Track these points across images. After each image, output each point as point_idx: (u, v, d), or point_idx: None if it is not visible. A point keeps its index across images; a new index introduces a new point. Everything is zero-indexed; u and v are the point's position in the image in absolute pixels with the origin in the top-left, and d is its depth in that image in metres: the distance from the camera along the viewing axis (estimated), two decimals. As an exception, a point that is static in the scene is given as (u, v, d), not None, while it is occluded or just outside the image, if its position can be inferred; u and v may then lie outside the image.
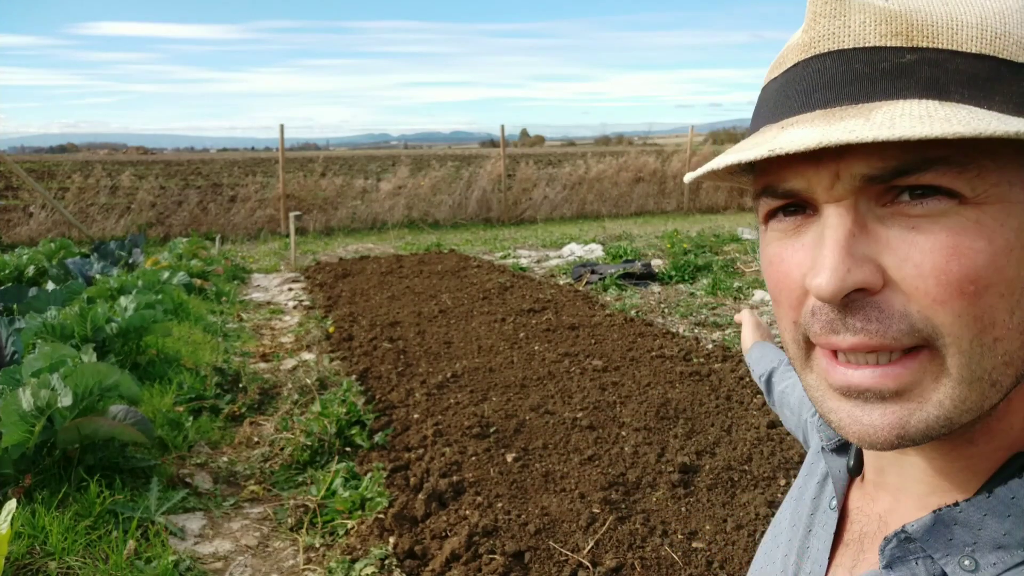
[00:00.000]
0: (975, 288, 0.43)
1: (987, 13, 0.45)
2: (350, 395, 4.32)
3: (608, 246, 10.67)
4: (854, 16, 0.46)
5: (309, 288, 8.33)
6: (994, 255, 0.43)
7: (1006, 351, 0.45)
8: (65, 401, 3.04)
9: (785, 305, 0.51)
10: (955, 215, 0.43)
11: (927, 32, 0.45)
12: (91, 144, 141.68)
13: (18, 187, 14.39)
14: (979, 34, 0.45)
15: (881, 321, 0.45)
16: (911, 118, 0.41)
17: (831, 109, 0.45)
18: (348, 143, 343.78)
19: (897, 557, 0.51)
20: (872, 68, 0.45)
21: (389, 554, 2.72)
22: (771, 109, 0.50)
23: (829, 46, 0.47)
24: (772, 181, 0.49)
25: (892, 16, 0.46)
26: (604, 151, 22.55)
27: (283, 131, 15.08)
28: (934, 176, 0.43)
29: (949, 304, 0.43)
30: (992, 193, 0.44)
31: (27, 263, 8.24)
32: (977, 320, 0.44)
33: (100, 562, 2.61)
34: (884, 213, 0.45)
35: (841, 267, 0.44)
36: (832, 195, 0.46)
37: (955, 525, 0.49)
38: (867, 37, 0.46)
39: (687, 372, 4.63)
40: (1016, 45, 0.45)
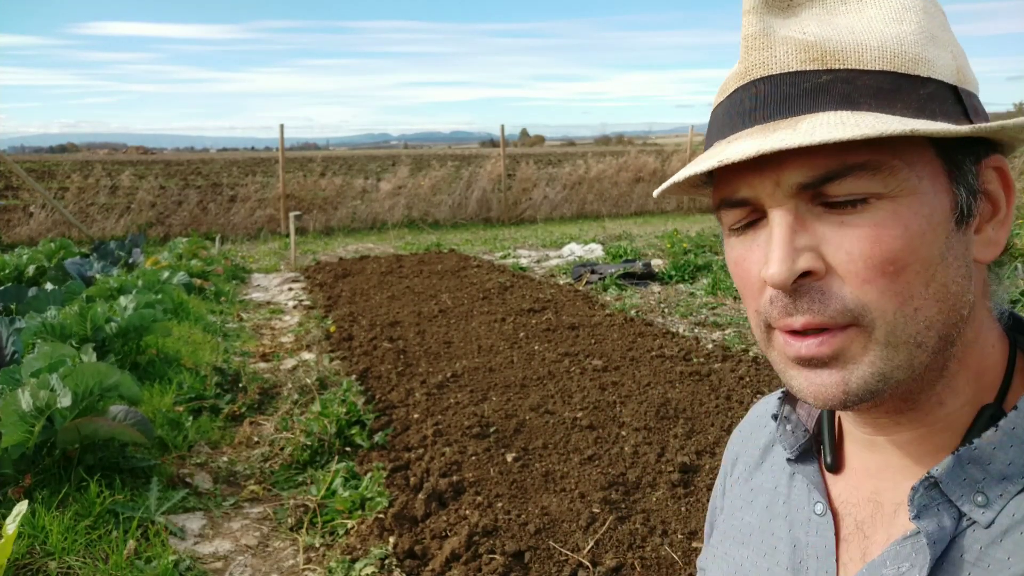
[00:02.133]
0: (894, 268, 0.52)
1: (886, 37, 0.55)
2: (350, 395, 4.32)
3: (608, 246, 10.67)
4: (778, 48, 0.56)
5: (309, 288, 8.33)
6: (909, 240, 0.52)
7: (925, 317, 0.54)
8: (65, 401, 3.04)
9: (749, 297, 0.60)
10: (875, 208, 0.53)
11: (838, 56, 0.54)
12: (91, 144, 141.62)
13: (18, 187, 14.39)
14: (880, 55, 0.54)
15: (823, 302, 0.54)
16: (828, 125, 0.50)
17: (767, 124, 0.55)
18: (348, 143, 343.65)
19: (924, 506, 0.56)
20: (797, 88, 0.55)
21: (389, 554, 2.72)
22: (719, 129, 0.60)
23: (761, 72, 0.56)
24: (726, 193, 0.58)
25: (809, 46, 0.55)
26: (604, 151, 22.55)
27: (283, 131, 15.08)
28: (853, 181, 0.52)
29: (874, 283, 0.53)
30: (904, 187, 0.53)
31: (27, 263, 8.24)
32: (898, 295, 0.53)
33: (100, 562, 2.61)
34: (819, 211, 0.54)
35: (787, 258, 0.53)
36: (775, 200, 0.55)
37: (969, 463, 0.55)
38: (790, 64, 0.55)
39: (687, 372, 4.63)
40: (911, 61, 0.54)
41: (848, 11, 0.57)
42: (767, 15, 0.57)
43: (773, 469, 0.74)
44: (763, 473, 0.75)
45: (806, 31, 0.56)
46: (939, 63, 0.55)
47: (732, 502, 0.79)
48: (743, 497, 0.76)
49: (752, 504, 0.74)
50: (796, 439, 0.69)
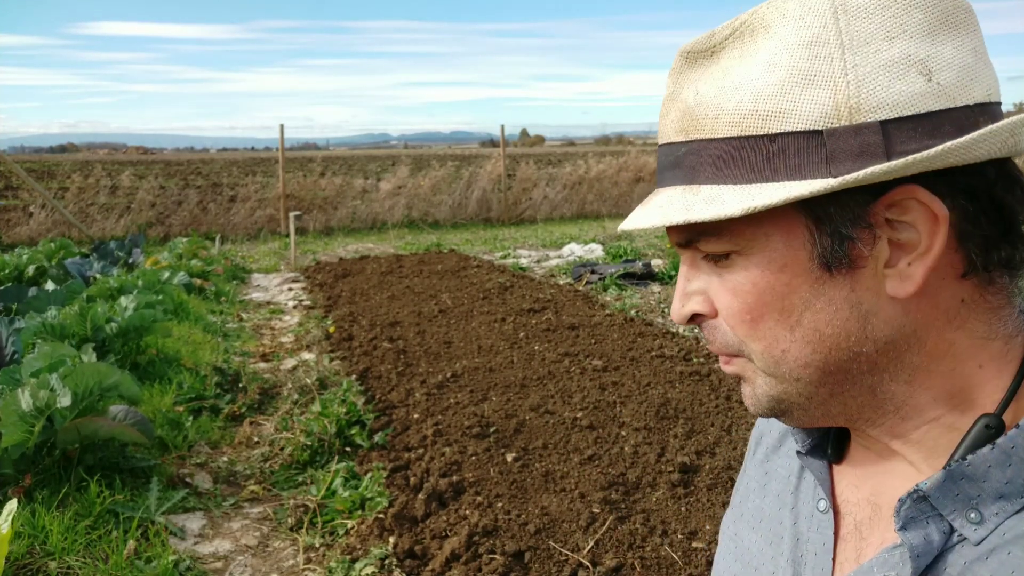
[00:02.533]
0: (751, 317, 0.58)
1: (743, 97, 0.54)
2: (350, 395, 4.32)
3: (608, 246, 10.67)
4: (671, 115, 0.60)
5: (309, 288, 8.33)
6: (759, 294, 0.57)
7: (796, 358, 0.57)
8: (65, 401, 3.04)
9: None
10: (735, 264, 0.58)
11: (697, 125, 0.57)
12: (91, 144, 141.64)
13: (18, 187, 14.40)
14: (731, 119, 0.54)
15: (713, 336, 0.62)
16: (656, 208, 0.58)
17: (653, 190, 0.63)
18: (348, 143, 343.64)
19: (911, 518, 0.55)
20: (667, 159, 0.60)
21: (389, 554, 2.72)
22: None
23: (660, 140, 0.62)
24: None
25: (685, 112, 0.58)
26: (604, 151, 22.54)
27: (283, 131, 15.08)
28: (705, 244, 0.58)
29: (739, 328, 0.59)
30: (752, 245, 0.56)
31: (27, 263, 8.24)
32: (761, 339, 0.58)
33: (100, 562, 2.61)
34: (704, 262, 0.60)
35: (677, 303, 0.63)
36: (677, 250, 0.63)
37: (962, 479, 0.54)
38: (669, 135, 0.59)
39: (687, 372, 4.63)
40: (761, 118, 0.53)
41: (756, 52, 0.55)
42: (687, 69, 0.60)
43: (789, 455, 0.75)
44: (780, 458, 0.76)
45: (699, 91, 0.57)
46: (802, 109, 0.52)
47: (748, 483, 0.80)
48: (758, 479, 0.77)
49: (765, 488, 0.75)
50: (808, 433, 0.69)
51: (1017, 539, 0.51)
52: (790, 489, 0.72)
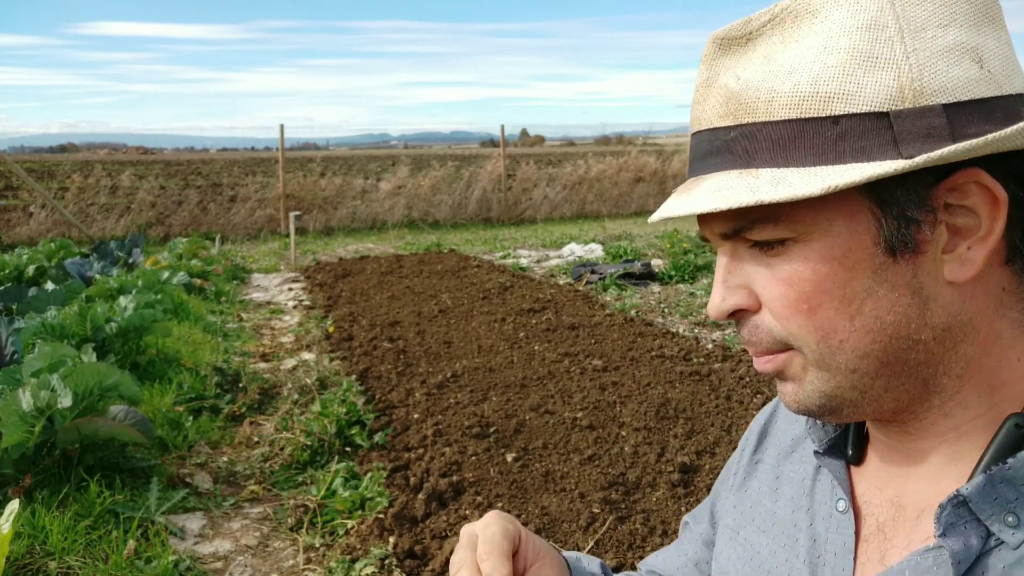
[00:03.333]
0: (808, 307, 0.55)
1: (801, 79, 0.53)
2: (350, 395, 4.32)
3: (608, 246, 10.67)
4: (710, 101, 0.58)
5: (309, 288, 8.33)
6: (819, 281, 0.54)
7: (854, 347, 0.55)
8: (65, 401, 3.04)
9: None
10: (790, 252, 0.55)
11: (748, 109, 0.55)
12: (91, 144, 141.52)
13: (18, 187, 14.39)
14: (789, 101, 0.53)
15: (755, 334, 0.59)
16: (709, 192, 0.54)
17: (691, 179, 0.59)
18: (348, 143, 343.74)
19: (951, 523, 0.54)
20: (711, 146, 0.57)
21: (389, 554, 2.72)
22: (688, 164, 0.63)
23: (697, 127, 0.60)
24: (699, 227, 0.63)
25: (728, 98, 0.56)
26: (604, 151, 22.54)
27: (283, 131, 15.08)
28: (759, 231, 0.55)
29: (793, 319, 0.56)
30: (813, 231, 0.54)
31: (27, 263, 8.24)
32: (818, 329, 0.55)
33: (100, 562, 2.61)
34: (753, 251, 0.58)
35: (717, 297, 0.59)
36: (716, 242, 0.60)
37: (1002, 483, 0.53)
38: (712, 120, 0.57)
39: (687, 372, 4.63)
40: (824, 100, 0.52)
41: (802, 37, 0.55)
42: (720, 56, 0.58)
43: (803, 461, 0.74)
44: (792, 463, 0.75)
45: (740, 76, 0.56)
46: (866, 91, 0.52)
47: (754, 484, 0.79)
48: (768, 484, 0.76)
49: (777, 492, 0.74)
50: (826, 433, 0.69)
51: None
52: (804, 492, 0.71)
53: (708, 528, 0.88)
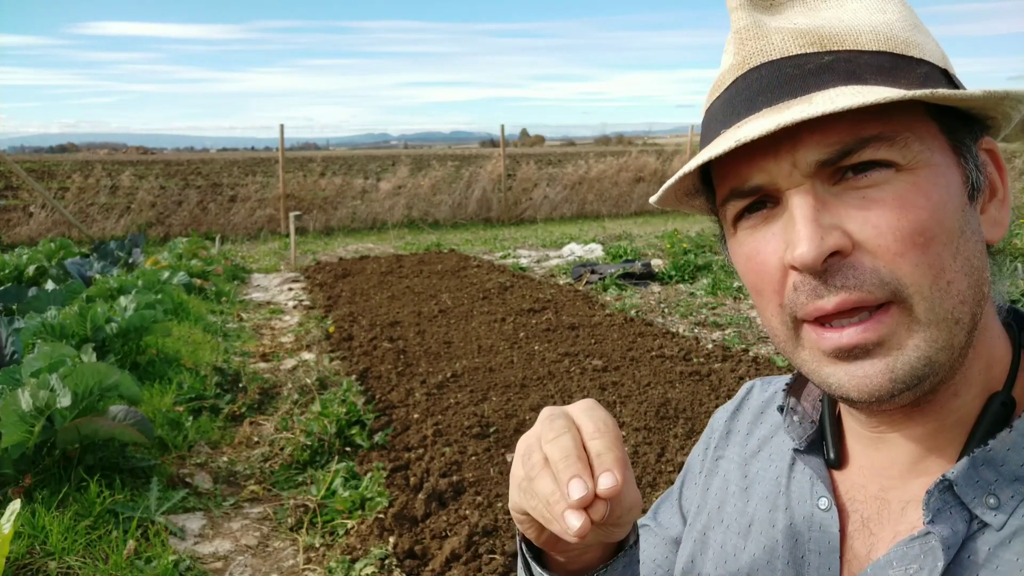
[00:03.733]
0: (924, 239, 0.51)
1: (876, 23, 0.56)
2: (350, 395, 4.32)
3: (608, 246, 10.67)
4: (774, 36, 0.56)
5: (309, 288, 8.33)
6: (933, 210, 0.52)
7: (959, 291, 0.53)
8: (64, 401, 3.04)
9: (768, 291, 0.57)
10: (895, 181, 0.52)
11: (836, 39, 0.55)
12: (91, 144, 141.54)
13: (18, 187, 14.39)
14: (875, 37, 0.55)
15: (857, 278, 0.52)
16: (846, 96, 0.49)
17: (775, 105, 0.54)
18: (348, 143, 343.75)
19: (938, 509, 0.54)
20: (801, 69, 0.54)
21: (389, 554, 2.72)
22: (721, 120, 0.58)
23: (760, 60, 0.56)
24: (736, 183, 0.57)
25: (804, 32, 0.56)
26: (604, 151, 22.54)
27: (283, 131, 15.08)
28: (872, 151, 0.51)
29: (907, 255, 0.51)
30: (920, 159, 0.52)
31: (27, 263, 8.24)
32: (931, 267, 0.51)
33: (100, 562, 2.61)
34: (837, 190, 0.53)
35: (815, 236, 0.51)
36: (792, 181, 0.53)
37: (984, 465, 0.54)
38: (789, 48, 0.55)
39: (687, 372, 4.63)
40: (904, 43, 0.55)
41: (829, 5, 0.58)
42: (753, 11, 0.58)
43: (772, 459, 0.73)
44: (760, 462, 0.74)
45: (796, 22, 0.57)
46: (927, 47, 0.57)
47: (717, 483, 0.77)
48: (736, 483, 0.74)
49: (748, 492, 0.73)
50: (804, 430, 0.68)
51: None
52: (780, 491, 0.69)
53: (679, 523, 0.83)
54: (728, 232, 0.62)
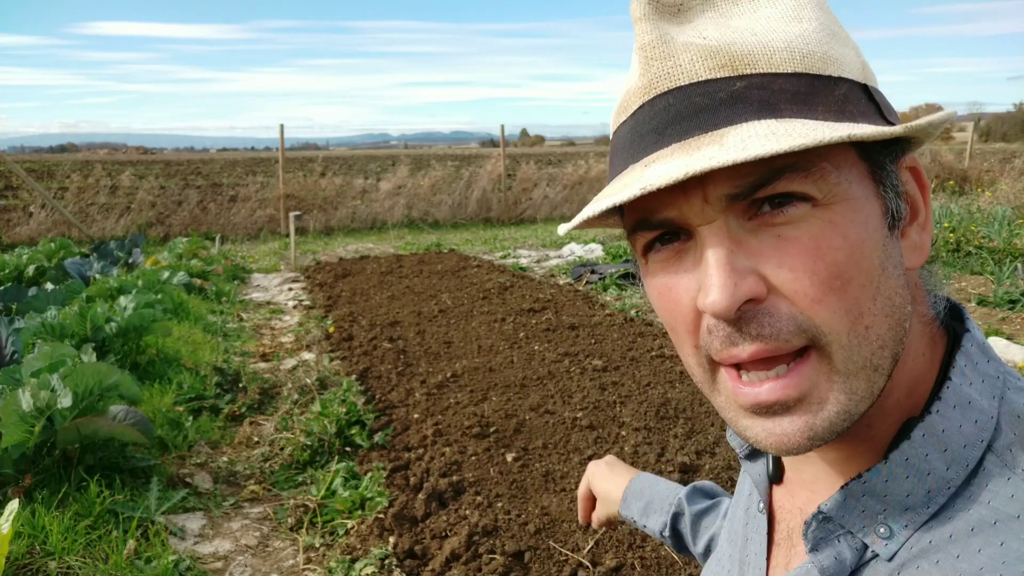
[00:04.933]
0: (840, 282, 0.48)
1: (791, 37, 0.51)
2: (350, 395, 4.32)
3: (608, 246, 10.67)
4: (682, 56, 0.51)
5: (309, 288, 8.33)
6: (851, 250, 0.48)
7: (878, 335, 0.50)
8: (65, 401, 3.04)
9: (682, 331, 0.54)
10: (812, 219, 0.48)
11: (748, 60, 0.50)
12: (91, 144, 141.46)
13: (18, 187, 14.39)
14: (790, 56, 0.50)
15: (772, 325, 0.48)
16: (758, 137, 0.46)
17: (685, 141, 0.50)
18: (348, 143, 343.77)
19: (820, 538, 0.54)
20: (711, 99, 0.50)
21: (389, 554, 2.72)
22: (628, 150, 0.54)
23: (667, 85, 0.51)
24: (644, 215, 0.53)
25: (715, 51, 0.51)
26: (604, 151, 22.53)
27: (283, 131, 15.08)
28: (786, 183, 0.48)
29: (824, 301, 0.48)
30: (837, 193, 0.49)
31: (27, 263, 8.24)
32: (848, 312, 0.48)
33: (100, 562, 2.61)
34: (752, 226, 0.49)
35: (729, 283, 0.48)
36: (704, 217, 0.50)
37: (863, 496, 0.52)
38: (698, 72, 0.51)
39: (687, 372, 4.62)
40: (820, 60, 0.51)
41: (742, 12, 0.54)
42: (660, 22, 0.53)
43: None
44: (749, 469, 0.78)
45: (706, 36, 0.52)
46: (846, 61, 0.52)
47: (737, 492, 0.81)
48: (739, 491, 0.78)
49: (737, 498, 0.76)
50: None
51: (924, 553, 0.50)
52: (748, 491, 0.72)
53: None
54: (639, 262, 0.58)
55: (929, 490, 0.51)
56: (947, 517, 0.50)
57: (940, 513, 0.50)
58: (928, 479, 0.51)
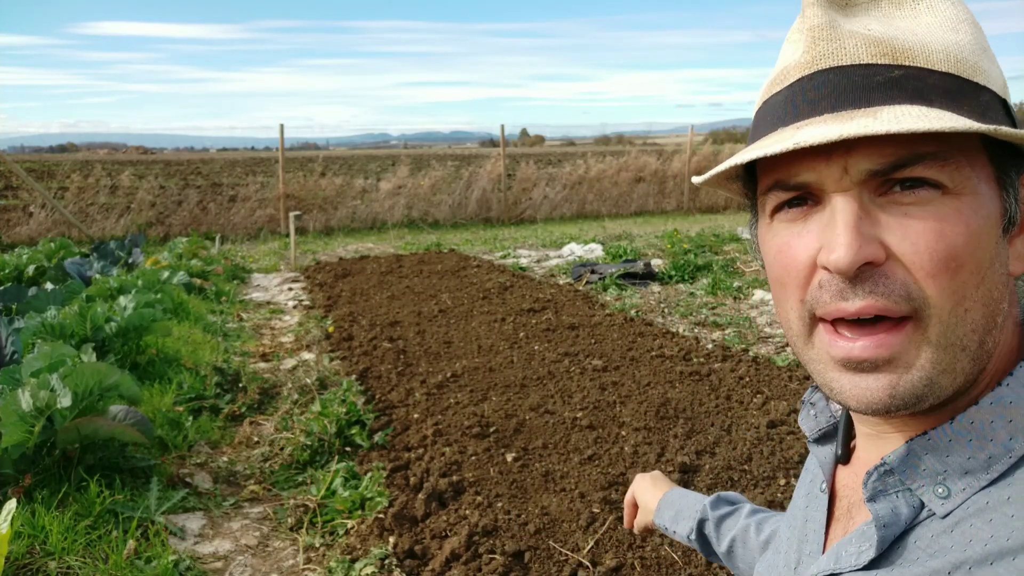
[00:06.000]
0: (956, 265, 0.53)
1: (947, 44, 0.56)
2: (350, 395, 4.32)
3: (608, 246, 10.67)
4: (847, 40, 0.56)
5: (309, 288, 8.33)
6: (969, 238, 0.53)
7: (973, 320, 0.54)
8: (64, 401, 3.04)
9: (792, 286, 0.59)
10: (939, 204, 0.53)
11: (907, 54, 0.55)
12: (91, 144, 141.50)
13: (18, 187, 14.39)
14: (945, 58, 0.55)
15: (886, 286, 0.53)
16: (911, 117, 0.50)
17: (839, 112, 0.55)
18: (348, 143, 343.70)
19: (879, 490, 0.58)
20: (869, 80, 0.55)
21: (389, 554, 2.72)
22: (779, 117, 0.59)
23: (830, 63, 0.56)
24: (783, 176, 0.58)
25: (877, 41, 0.56)
26: (604, 151, 22.54)
27: (283, 131, 15.08)
28: (924, 169, 0.53)
29: (937, 277, 0.52)
30: (967, 185, 0.54)
31: (27, 263, 8.23)
32: (955, 293, 0.53)
33: (100, 562, 2.61)
34: (882, 202, 0.54)
35: (854, 243, 0.53)
36: (840, 186, 0.55)
37: (926, 454, 0.56)
38: (861, 56, 0.56)
39: (687, 372, 4.63)
40: (971, 68, 0.56)
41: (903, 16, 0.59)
42: (829, 9, 0.58)
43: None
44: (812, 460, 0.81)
45: (870, 28, 0.57)
46: (992, 74, 0.58)
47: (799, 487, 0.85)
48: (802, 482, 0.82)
49: (801, 483, 0.80)
50: (818, 423, 0.73)
51: (979, 512, 0.53)
52: (810, 479, 0.76)
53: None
54: (763, 220, 0.63)
55: (990, 456, 0.54)
56: (1006, 483, 0.53)
57: (1000, 480, 0.54)
58: (990, 445, 0.54)
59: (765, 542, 0.99)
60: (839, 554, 0.61)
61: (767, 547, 0.99)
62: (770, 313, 6.46)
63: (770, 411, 3.92)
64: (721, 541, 1.05)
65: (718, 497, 1.10)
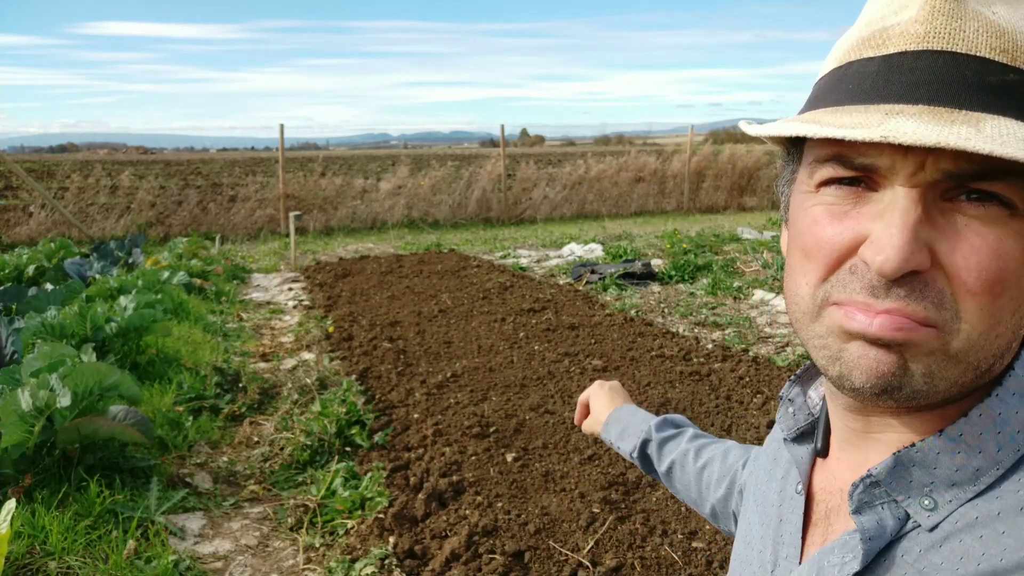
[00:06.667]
0: (1001, 288, 0.50)
1: None
2: (350, 395, 4.32)
3: (608, 246, 10.67)
4: (969, 22, 0.50)
5: (309, 288, 8.33)
6: (1020, 265, 0.50)
7: (999, 346, 0.52)
8: (64, 401, 3.04)
9: (819, 262, 0.54)
10: (1005, 224, 0.49)
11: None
12: (91, 144, 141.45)
13: (18, 187, 14.38)
14: None
15: (923, 293, 0.50)
16: (1017, 139, 0.46)
17: (936, 108, 0.49)
18: (348, 143, 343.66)
19: (865, 502, 0.56)
20: (980, 79, 0.49)
21: (389, 554, 2.72)
22: (867, 89, 0.52)
23: (943, 45, 0.50)
24: (847, 152, 0.52)
25: (1001, 32, 0.50)
26: (604, 151, 22.54)
27: (283, 131, 15.08)
28: (1002, 186, 0.48)
29: (979, 297, 0.50)
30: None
31: (27, 263, 8.23)
32: (992, 316, 0.50)
33: (100, 562, 2.61)
34: (945, 207, 0.50)
35: (907, 248, 0.49)
36: (912, 181, 0.50)
37: (913, 466, 0.54)
38: (979, 46, 0.50)
39: (687, 372, 4.63)
40: None
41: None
42: None
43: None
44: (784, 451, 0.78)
45: (996, 12, 0.51)
46: None
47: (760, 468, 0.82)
48: (767, 467, 0.80)
49: (771, 474, 0.78)
50: (796, 422, 0.70)
51: (968, 527, 0.52)
52: (782, 474, 0.74)
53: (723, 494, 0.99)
54: (804, 184, 0.58)
55: (978, 468, 0.53)
56: (995, 496, 0.52)
57: (987, 492, 0.52)
58: (979, 457, 0.53)
59: (701, 468, 1.03)
60: (821, 564, 0.60)
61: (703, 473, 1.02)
62: (770, 313, 6.46)
63: (770, 411, 3.92)
64: (662, 462, 1.08)
65: (664, 419, 1.12)
